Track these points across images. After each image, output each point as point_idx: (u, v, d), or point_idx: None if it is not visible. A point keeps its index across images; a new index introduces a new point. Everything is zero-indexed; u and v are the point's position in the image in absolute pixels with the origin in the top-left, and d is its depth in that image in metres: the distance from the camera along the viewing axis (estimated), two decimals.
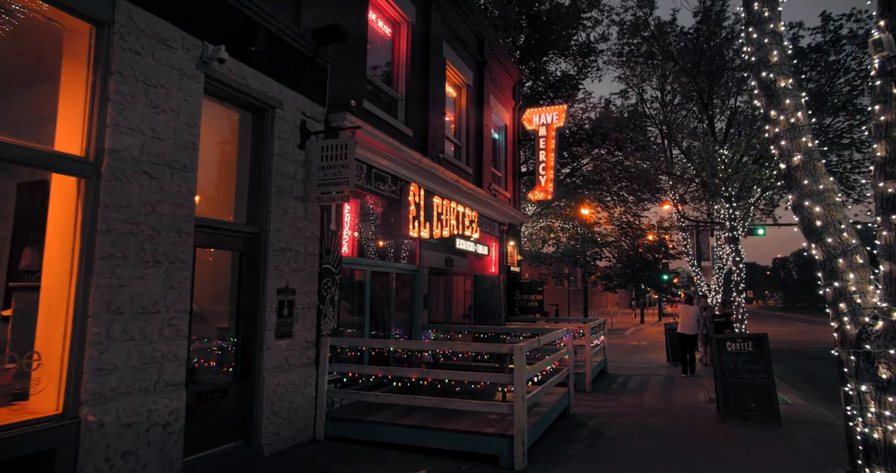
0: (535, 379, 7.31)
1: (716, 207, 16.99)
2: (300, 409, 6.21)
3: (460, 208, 10.92)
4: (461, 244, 10.95)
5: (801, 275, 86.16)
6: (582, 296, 28.38)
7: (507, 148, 15.65)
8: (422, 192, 9.26)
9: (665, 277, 30.80)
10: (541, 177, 15.66)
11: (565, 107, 15.65)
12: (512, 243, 15.07)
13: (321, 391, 6.48)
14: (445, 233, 10.16)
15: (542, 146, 15.70)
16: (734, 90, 12.77)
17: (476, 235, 11.77)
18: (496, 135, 15.49)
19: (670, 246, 26.33)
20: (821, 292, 4.03)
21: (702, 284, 18.47)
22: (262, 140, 6.03)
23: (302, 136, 6.43)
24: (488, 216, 13.19)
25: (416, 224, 8.99)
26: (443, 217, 10.06)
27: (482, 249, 12.29)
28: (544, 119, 15.73)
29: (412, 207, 8.89)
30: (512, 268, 15.06)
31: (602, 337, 12.95)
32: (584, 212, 23.95)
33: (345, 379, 7.08)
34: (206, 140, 5.77)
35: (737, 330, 12.26)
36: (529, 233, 24.59)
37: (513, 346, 5.68)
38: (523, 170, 20.91)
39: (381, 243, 8.79)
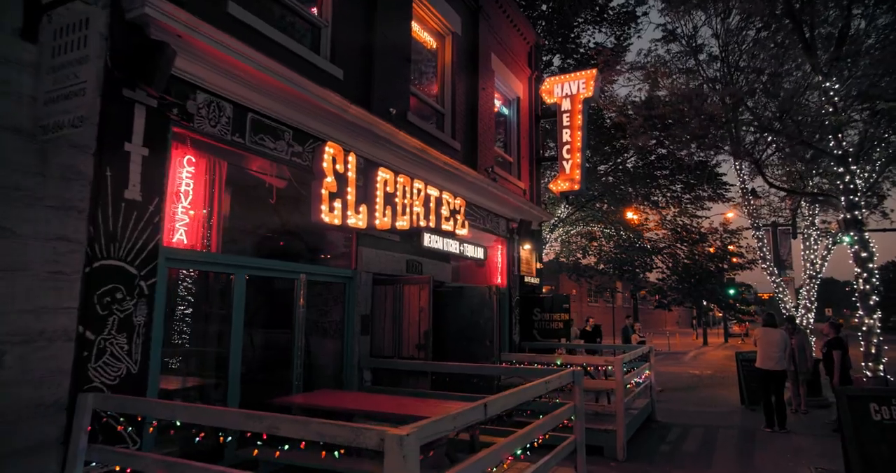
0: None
1: (809, 186, 12.69)
2: None
3: (433, 191, 7.74)
4: (433, 241, 7.74)
5: (889, 290, 76.85)
6: (629, 314, 24.28)
7: (519, 127, 12.37)
8: (350, 159, 6.14)
9: (732, 292, 26.08)
10: (565, 163, 12.24)
11: (595, 72, 12.23)
12: (528, 247, 11.71)
13: None
14: (403, 224, 6.98)
15: (565, 123, 12.31)
16: None
17: (463, 231, 8.52)
18: (505, 110, 12.27)
19: (732, 249, 21.66)
20: None
21: (786, 298, 14.31)
22: None
23: (27, 16, 3.46)
24: (487, 208, 9.92)
25: (339, 205, 5.86)
26: (397, 200, 6.90)
27: (474, 251, 9.02)
28: (568, 89, 12.35)
29: (328, 179, 5.77)
30: (527, 279, 11.67)
31: (647, 373, 9.33)
32: (630, 215, 20.16)
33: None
34: None
35: (868, 373, 8.19)
36: (564, 239, 21.02)
37: (384, 434, 2.42)
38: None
39: (273, 233, 5.72)
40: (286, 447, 3.36)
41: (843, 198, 8.46)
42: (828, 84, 8.26)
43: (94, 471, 3.45)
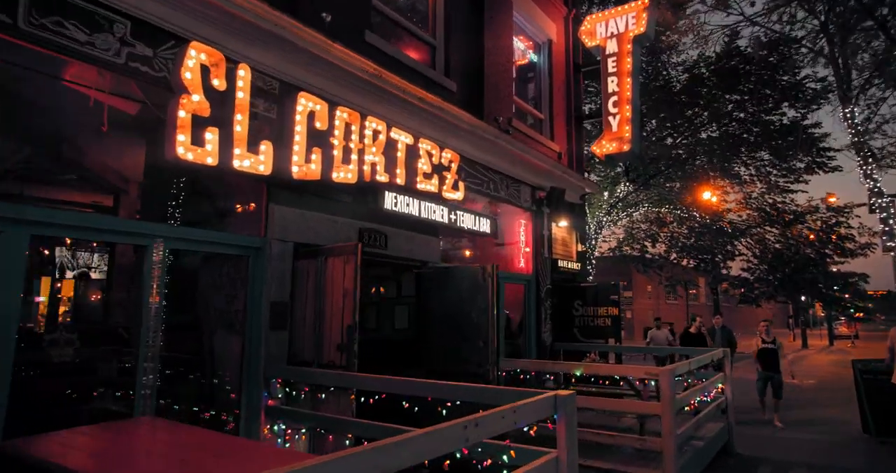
0: None
1: None
2: None
3: (401, 136, 5.65)
4: (401, 204, 5.65)
5: None
6: (712, 313, 20.94)
7: (552, 77, 9.99)
8: (243, 73, 4.17)
9: (841, 283, 21.60)
10: (611, 119, 9.77)
11: (646, 2, 9.68)
12: (564, 223, 9.33)
13: None
14: (346, 176, 4.96)
15: (611, 68, 9.84)
16: None
17: (455, 195, 6.37)
18: (533, 56, 9.96)
19: (841, 233, 17.55)
20: None
21: None
22: None
23: None
24: (500, 170, 7.71)
25: (215, 138, 3.91)
26: (336, 141, 4.90)
27: (474, 222, 6.84)
28: (614, 27, 9.89)
29: (195, 97, 3.83)
30: (563, 264, 9.31)
31: (720, 386, 6.76)
32: (707, 195, 16.99)
33: None
34: None
35: None
36: (628, 225, 18.21)
37: None
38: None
39: (105, 177, 3.86)
40: None
41: None
42: None
43: None
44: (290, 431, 4.09)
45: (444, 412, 4.21)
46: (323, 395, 4.01)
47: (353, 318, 3.95)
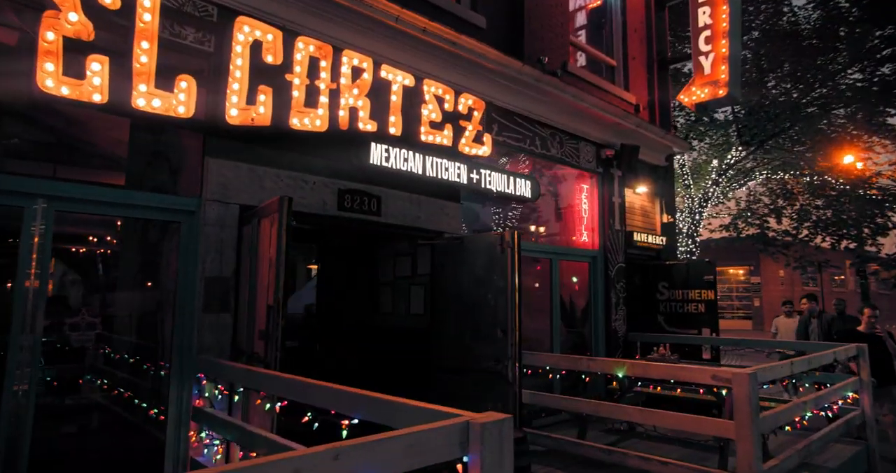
0: None
1: None
2: None
3: (394, 75, 4.56)
4: (397, 159, 4.54)
5: None
6: (861, 300, 17.42)
7: (625, 14, 8.27)
8: None
9: None
10: (702, 59, 7.92)
11: None
12: (643, 189, 7.73)
13: None
14: (315, 123, 3.98)
15: None
16: None
17: (479, 150, 5.17)
18: None
19: None
20: None
21: None
22: None
23: None
24: (546, 121, 6.32)
25: (103, 69, 3.09)
26: (296, 79, 3.93)
27: (507, 183, 5.54)
28: None
29: (69, 17, 3.03)
30: (641, 238, 7.70)
31: (851, 395, 4.91)
32: (849, 159, 13.95)
33: None
34: None
35: None
36: (741, 196, 15.55)
37: None
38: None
39: None
40: None
41: None
42: None
43: None
44: (207, 441, 3.20)
45: None
46: (237, 398, 3.07)
47: (276, 296, 2.94)
